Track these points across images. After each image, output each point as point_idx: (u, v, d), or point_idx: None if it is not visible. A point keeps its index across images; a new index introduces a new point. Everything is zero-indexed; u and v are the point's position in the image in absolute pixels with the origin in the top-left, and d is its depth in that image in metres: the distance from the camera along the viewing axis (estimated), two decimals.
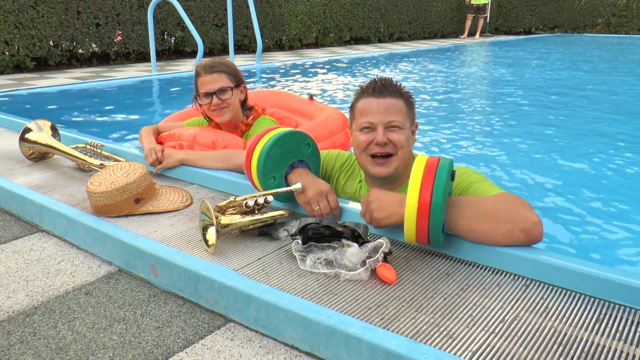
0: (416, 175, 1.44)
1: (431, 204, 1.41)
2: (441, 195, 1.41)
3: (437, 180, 1.42)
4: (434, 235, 1.45)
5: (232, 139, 2.38)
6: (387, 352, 1.14)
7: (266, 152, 1.77)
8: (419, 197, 1.42)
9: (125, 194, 1.90)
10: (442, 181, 1.42)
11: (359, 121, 1.70)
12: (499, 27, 18.84)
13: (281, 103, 3.15)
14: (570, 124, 4.56)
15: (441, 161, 1.48)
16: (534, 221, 1.45)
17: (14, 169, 2.56)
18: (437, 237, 1.46)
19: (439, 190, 1.41)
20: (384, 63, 9.13)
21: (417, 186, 1.43)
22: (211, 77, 2.33)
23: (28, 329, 1.41)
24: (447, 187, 1.45)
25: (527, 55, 10.73)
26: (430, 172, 1.44)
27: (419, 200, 1.41)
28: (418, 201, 1.41)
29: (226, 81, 2.34)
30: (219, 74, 2.34)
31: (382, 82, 1.70)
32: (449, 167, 1.47)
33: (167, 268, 1.56)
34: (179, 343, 1.34)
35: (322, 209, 1.73)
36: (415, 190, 1.42)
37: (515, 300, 1.36)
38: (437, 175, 1.43)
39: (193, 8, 9.14)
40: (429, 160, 1.49)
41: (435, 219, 1.42)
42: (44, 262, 1.78)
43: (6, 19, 6.85)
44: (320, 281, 1.44)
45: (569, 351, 1.15)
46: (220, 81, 2.33)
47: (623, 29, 17.20)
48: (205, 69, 2.35)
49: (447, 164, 1.47)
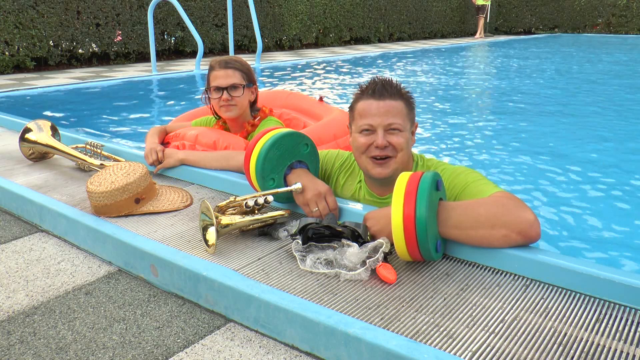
0: (398, 191, 1.43)
1: (416, 220, 1.39)
2: (425, 206, 1.39)
3: (419, 193, 1.40)
4: (424, 248, 1.42)
5: (234, 140, 2.37)
6: (387, 352, 1.14)
7: (264, 154, 1.77)
8: (403, 214, 1.40)
9: (125, 194, 1.90)
10: (424, 193, 1.40)
11: (359, 123, 1.69)
12: (499, 27, 18.85)
13: (292, 103, 3.14)
14: (571, 123, 4.56)
15: (423, 175, 1.47)
16: (530, 221, 1.43)
17: (14, 169, 2.56)
18: (430, 254, 1.44)
19: (422, 201, 1.39)
20: (383, 63, 9.13)
21: (400, 204, 1.41)
22: (225, 72, 2.32)
23: (28, 329, 1.41)
24: (432, 197, 1.43)
25: (527, 54, 10.73)
26: (412, 186, 1.42)
27: (404, 217, 1.40)
28: (402, 218, 1.40)
29: (239, 79, 2.34)
30: (233, 71, 2.34)
31: (382, 83, 1.69)
32: (431, 180, 1.45)
33: (167, 268, 1.56)
34: (179, 343, 1.34)
35: (321, 209, 1.73)
36: (399, 208, 1.41)
37: (515, 300, 1.36)
38: (419, 188, 1.41)
39: (193, 8, 9.14)
40: (412, 174, 1.48)
41: (422, 234, 1.40)
42: (44, 262, 1.78)
43: (6, 19, 6.85)
44: (320, 281, 1.44)
45: (569, 351, 1.15)
46: (234, 77, 2.33)
47: (623, 29, 17.21)
48: (220, 64, 2.34)
49: (429, 177, 1.45)
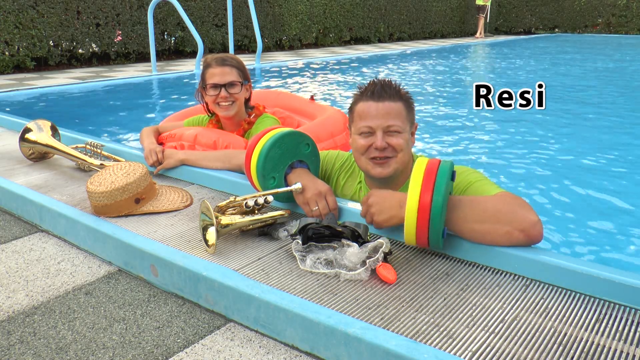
0: (417, 178, 1.44)
1: (431, 207, 1.40)
2: (442, 197, 1.40)
3: (437, 183, 1.42)
4: (434, 237, 1.45)
5: (234, 139, 2.37)
6: (387, 352, 1.14)
7: (265, 153, 1.77)
8: (419, 199, 1.41)
9: (125, 194, 1.90)
10: (442, 184, 1.42)
11: (358, 125, 1.69)
12: (499, 27, 18.85)
13: (282, 103, 3.15)
14: (572, 122, 4.56)
15: (442, 163, 1.48)
16: (533, 221, 1.44)
17: (14, 169, 2.55)
18: (437, 240, 1.46)
19: (439, 192, 1.41)
20: (383, 63, 9.13)
21: (417, 189, 1.42)
22: (222, 70, 2.32)
23: (28, 329, 1.41)
24: (448, 189, 1.45)
25: (526, 54, 10.72)
26: (431, 175, 1.44)
27: (419, 203, 1.41)
28: (418, 203, 1.41)
29: (236, 76, 2.35)
30: (230, 68, 2.34)
31: (381, 84, 1.68)
32: (449, 169, 1.47)
33: (167, 268, 1.56)
34: (179, 343, 1.34)
35: (321, 209, 1.73)
36: (416, 192, 1.42)
37: (515, 300, 1.36)
38: (437, 178, 1.43)
39: (193, 8, 9.14)
40: (430, 162, 1.49)
41: (435, 221, 1.42)
42: (44, 262, 1.78)
43: (6, 19, 6.85)
44: (320, 281, 1.44)
45: (569, 351, 1.15)
46: (231, 75, 2.33)
47: (623, 29, 17.21)
48: (217, 61, 2.34)
49: (447, 166, 1.47)
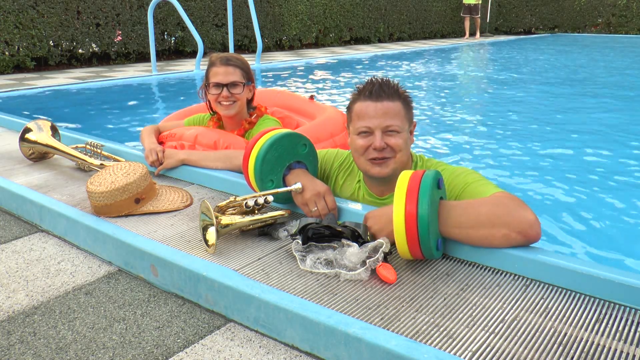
0: (400, 189, 1.44)
1: (418, 216, 1.39)
2: (427, 204, 1.39)
3: (421, 191, 1.41)
4: (425, 245, 1.43)
5: (234, 140, 2.37)
6: (387, 352, 1.14)
7: (262, 156, 1.77)
8: (404, 211, 1.40)
9: (125, 194, 1.90)
10: (426, 191, 1.41)
11: (357, 125, 1.68)
12: (499, 27, 18.84)
13: (282, 102, 3.15)
14: (572, 122, 4.56)
15: (425, 172, 1.47)
16: (530, 221, 1.43)
17: (14, 169, 2.56)
18: (430, 249, 1.44)
19: (424, 199, 1.40)
20: (383, 63, 9.13)
21: (402, 199, 1.41)
22: (225, 69, 2.33)
23: (28, 329, 1.41)
24: (433, 197, 1.43)
25: (527, 53, 10.73)
26: (414, 184, 1.43)
27: (405, 214, 1.40)
28: (404, 215, 1.40)
29: (239, 76, 2.35)
30: (234, 68, 2.34)
31: (379, 83, 1.67)
32: (433, 177, 1.46)
33: (167, 268, 1.56)
34: (179, 343, 1.34)
35: (320, 209, 1.73)
36: (401, 203, 1.41)
37: (515, 300, 1.36)
38: (421, 186, 1.42)
39: (193, 8, 9.14)
40: (414, 173, 1.48)
41: (424, 229, 1.40)
42: (44, 262, 1.78)
43: (6, 19, 6.85)
44: (320, 281, 1.44)
45: (569, 351, 1.15)
46: (234, 75, 2.34)
47: (623, 29, 17.20)
48: (221, 60, 2.35)
49: (431, 174, 1.46)
